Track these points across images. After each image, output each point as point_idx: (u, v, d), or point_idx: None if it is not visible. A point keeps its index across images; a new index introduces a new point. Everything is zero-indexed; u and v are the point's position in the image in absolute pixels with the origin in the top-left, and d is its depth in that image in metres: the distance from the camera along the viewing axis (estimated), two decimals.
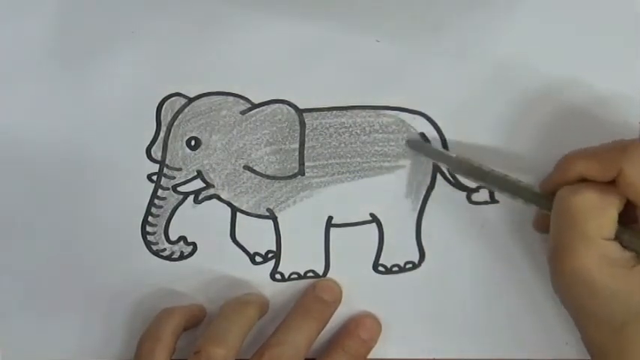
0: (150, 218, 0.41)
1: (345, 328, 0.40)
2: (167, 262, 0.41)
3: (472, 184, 0.40)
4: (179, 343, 0.38)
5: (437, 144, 0.40)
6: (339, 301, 0.40)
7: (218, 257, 0.41)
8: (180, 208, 0.41)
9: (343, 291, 0.41)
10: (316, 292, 0.40)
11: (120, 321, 0.41)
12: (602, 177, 0.33)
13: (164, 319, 0.39)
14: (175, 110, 0.40)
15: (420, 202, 0.40)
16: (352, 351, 0.39)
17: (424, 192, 0.40)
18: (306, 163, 0.40)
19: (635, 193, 0.32)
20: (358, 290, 0.41)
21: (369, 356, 0.40)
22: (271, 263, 0.41)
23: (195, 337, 0.38)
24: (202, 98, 0.40)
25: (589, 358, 0.36)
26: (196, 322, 0.40)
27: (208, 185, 0.41)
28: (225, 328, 0.37)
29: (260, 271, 0.41)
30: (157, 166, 0.41)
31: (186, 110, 0.40)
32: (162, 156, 0.41)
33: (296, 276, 0.41)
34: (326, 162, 0.40)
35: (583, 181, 0.34)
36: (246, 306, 0.39)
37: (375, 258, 0.41)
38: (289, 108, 0.40)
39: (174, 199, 0.41)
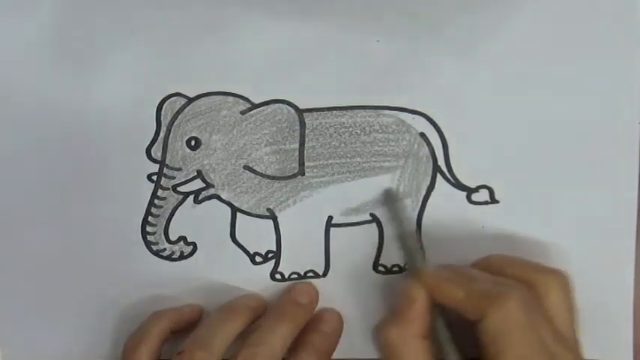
0: (150, 218, 0.41)
1: (308, 325, 0.40)
2: (167, 262, 0.41)
3: (472, 184, 0.40)
4: (169, 346, 0.39)
5: (437, 145, 0.40)
6: (316, 303, 0.41)
7: (218, 257, 0.41)
8: (180, 208, 0.41)
9: (343, 291, 0.41)
10: (292, 295, 0.40)
11: (120, 321, 0.41)
12: (466, 316, 0.33)
13: (151, 322, 0.39)
14: (175, 110, 0.40)
15: (420, 202, 0.40)
16: (318, 346, 0.39)
17: (424, 192, 0.40)
18: (306, 163, 0.40)
19: (490, 345, 0.32)
20: (358, 290, 0.41)
21: (371, 355, 0.41)
22: (271, 263, 0.41)
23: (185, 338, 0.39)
24: (202, 98, 0.40)
25: (590, 358, 0.36)
26: (187, 324, 0.40)
27: (208, 185, 0.41)
28: (211, 332, 0.37)
29: (260, 271, 0.41)
30: (157, 166, 0.41)
31: (186, 110, 0.40)
32: (162, 156, 0.41)
33: (296, 276, 0.41)
34: (326, 162, 0.40)
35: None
36: (235, 312, 0.39)
37: (375, 258, 0.41)
38: (289, 108, 0.40)
39: (174, 199, 0.41)
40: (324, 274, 0.41)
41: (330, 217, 0.41)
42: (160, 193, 0.41)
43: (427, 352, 0.34)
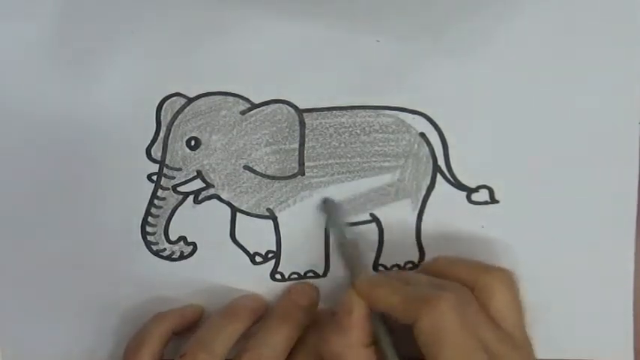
0: (150, 218, 0.41)
1: (307, 326, 0.40)
2: (167, 262, 0.41)
3: (472, 184, 0.40)
4: (170, 347, 0.39)
5: (437, 145, 0.40)
6: (316, 304, 0.40)
7: (218, 257, 0.41)
8: (180, 208, 0.41)
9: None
10: (292, 296, 0.40)
11: (120, 321, 0.41)
12: (403, 320, 0.33)
13: (153, 323, 0.39)
14: (175, 110, 0.40)
15: (420, 202, 0.40)
16: (317, 347, 0.38)
17: (424, 192, 0.40)
18: (306, 163, 0.40)
19: (426, 348, 0.32)
20: None
21: None
22: (271, 263, 0.41)
23: (186, 340, 0.39)
24: (202, 98, 0.40)
25: (590, 358, 0.36)
26: (190, 325, 0.40)
27: (208, 185, 0.41)
28: (213, 334, 0.38)
29: (260, 271, 0.41)
30: (157, 166, 0.41)
31: (186, 110, 0.40)
32: (162, 156, 0.41)
33: (296, 276, 0.41)
34: (326, 162, 0.40)
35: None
36: (236, 313, 0.39)
37: (375, 258, 0.41)
38: (289, 108, 0.40)
39: (174, 199, 0.41)
40: (324, 274, 0.41)
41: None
42: (159, 193, 0.41)
43: (371, 359, 0.34)
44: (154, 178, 0.41)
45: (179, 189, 0.41)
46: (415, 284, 0.35)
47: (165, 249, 0.41)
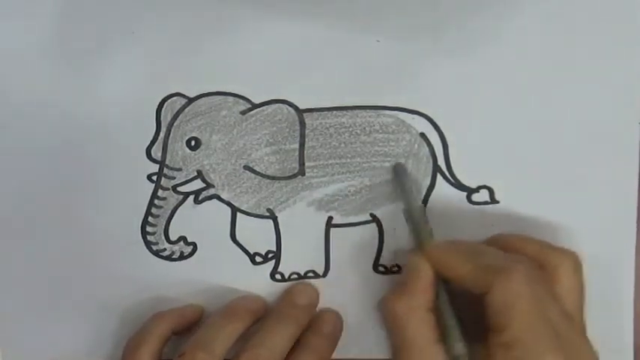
0: (150, 218, 0.41)
1: (307, 326, 0.40)
2: (167, 262, 0.41)
3: (472, 184, 0.40)
4: (170, 346, 0.39)
5: (437, 145, 0.40)
6: (316, 304, 0.41)
7: (218, 257, 0.41)
8: (180, 208, 0.41)
9: (343, 291, 0.41)
10: (292, 296, 0.40)
11: (120, 321, 0.41)
12: (472, 289, 0.34)
13: (152, 323, 0.39)
14: (175, 110, 0.40)
15: (420, 202, 0.40)
16: (317, 347, 0.39)
17: (424, 192, 0.40)
18: (306, 163, 0.40)
19: (495, 317, 0.33)
20: (358, 290, 0.41)
21: (371, 355, 0.41)
22: (271, 263, 0.41)
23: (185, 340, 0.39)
24: (202, 98, 0.40)
25: None
26: (189, 325, 0.40)
27: (208, 185, 0.41)
28: (212, 334, 0.38)
29: (260, 271, 0.41)
30: (157, 166, 0.41)
31: (186, 110, 0.40)
32: (162, 156, 0.41)
33: (296, 276, 0.41)
34: (326, 162, 0.40)
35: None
36: (236, 313, 0.39)
37: (375, 258, 0.41)
38: (289, 108, 0.40)
39: (174, 199, 0.41)
40: (324, 274, 0.41)
41: (330, 217, 0.41)
42: (160, 193, 0.41)
43: (431, 324, 0.35)
44: (154, 178, 0.41)
45: (179, 189, 0.41)
46: (486, 255, 0.35)
47: (165, 249, 0.41)
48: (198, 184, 0.41)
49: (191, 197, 0.41)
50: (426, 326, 0.34)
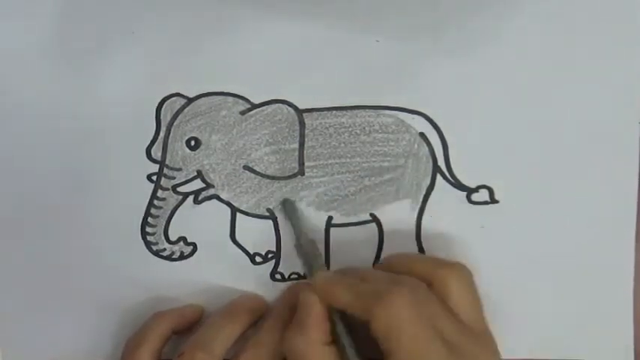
0: (150, 218, 0.41)
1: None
2: (167, 262, 0.41)
3: (472, 184, 0.40)
4: (170, 346, 0.39)
5: (437, 145, 0.40)
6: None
7: (218, 257, 0.41)
8: (180, 208, 0.41)
9: None
10: (290, 296, 0.40)
11: (120, 321, 0.41)
12: (359, 317, 0.33)
13: (152, 322, 0.39)
14: (175, 110, 0.40)
15: (420, 202, 0.40)
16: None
17: (424, 192, 0.40)
18: (306, 163, 0.40)
19: (383, 343, 0.32)
20: None
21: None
22: (271, 263, 0.41)
23: (185, 340, 0.39)
24: (202, 98, 0.40)
25: (590, 358, 0.36)
26: (189, 325, 0.40)
27: (208, 185, 0.41)
28: (212, 334, 0.38)
29: (260, 271, 0.41)
30: (157, 166, 0.41)
31: (186, 110, 0.40)
32: (162, 156, 0.41)
33: (296, 276, 0.41)
34: (326, 162, 0.40)
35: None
36: (236, 314, 0.39)
37: (375, 258, 0.41)
38: (289, 108, 0.40)
39: (174, 199, 0.41)
40: None
41: (330, 217, 0.41)
42: (159, 193, 0.41)
43: (331, 357, 0.34)
44: (154, 178, 0.41)
45: (179, 189, 0.41)
46: (371, 280, 0.35)
47: (165, 249, 0.41)
48: (198, 184, 0.41)
49: (191, 197, 0.41)
50: None
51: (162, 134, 0.40)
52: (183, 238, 0.41)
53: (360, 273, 0.37)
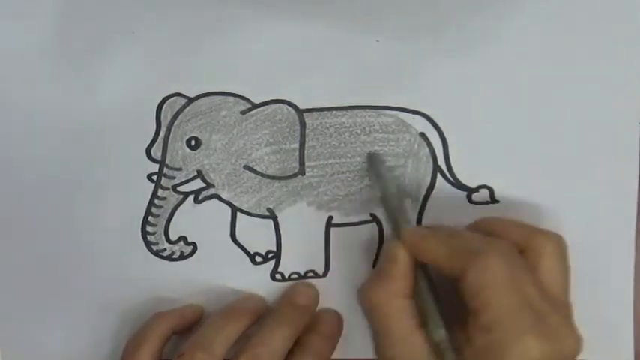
0: (150, 218, 0.41)
1: (307, 326, 0.40)
2: (167, 262, 0.41)
3: (472, 184, 0.40)
4: (170, 346, 0.39)
5: (437, 145, 0.40)
6: (316, 304, 0.41)
7: (218, 257, 0.41)
8: (180, 208, 0.41)
9: (343, 291, 0.41)
10: (291, 296, 0.40)
11: (120, 321, 0.41)
12: (448, 274, 0.33)
13: (152, 323, 0.39)
14: (175, 110, 0.40)
15: (420, 202, 0.40)
16: (317, 347, 0.39)
17: (424, 192, 0.40)
18: (306, 163, 0.40)
19: (472, 300, 0.32)
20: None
21: (371, 356, 0.40)
22: (271, 263, 0.41)
23: (185, 340, 0.39)
24: (202, 98, 0.40)
25: (590, 358, 0.36)
26: (189, 325, 0.40)
27: (208, 185, 0.41)
28: (212, 334, 0.38)
29: (260, 271, 0.41)
30: (157, 166, 0.41)
31: (186, 110, 0.40)
32: (162, 156, 0.41)
33: (296, 276, 0.41)
34: (326, 162, 0.40)
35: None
36: (236, 314, 0.39)
37: (375, 258, 0.41)
38: (289, 108, 0.40)
39: (175, 199, 0.41)
40: (324, 274, 0.41)
41: (330, 217, 0.41)
42: (159, 193, 0.41)
43: (410, 311, 0.34)
44: (154, 178, 0.41)
45: (179, 189, 0.41)
46: (463, 238, 0.35)
47: (165, 249, 0.41)
48: (198, 184, 0.41)
49: (191, 197, 0.41)
50: (404, 314, 0.34)
51: (162, 134, 0.40)
52: (183, 238, 0.41)
53: (450, 230, 0.36)
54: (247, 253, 0.41)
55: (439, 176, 0.40)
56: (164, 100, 0.40)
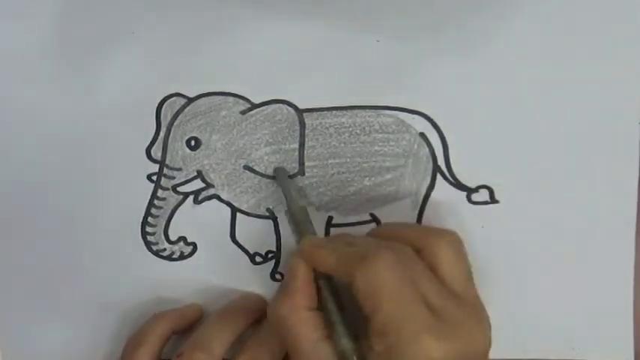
0: (150, 218, 0.41)
1: None
2: (167, 262, 0.41)
3: (472, 184, 0.40)
4: (169, 346, 0.39)
5: (437, 145, 0.40)
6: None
7: (218, 257, 0.41)
8: (180, 208, 0.41)
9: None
10: None
11: (120, 321, 0.41)
12: (343, 280, 0.33)
13: (152, 323, 0.39)
14: (175, 110, 0.40)
15: (420, 202, 0.40)
16: None
17: (424, 192, 0.40)
18: (306, 163, 0.40)
19: (364, 306, 0.32)
20: None
21: None
22: (271, 263, 0.41)
23: (184, 340, 0.39)
24: (202, 98, 0.40)
25: (590, 358, 0.36)
26: (189, 325, 0.40)
27: (208, 185, 0.41)
28: (211, 334, 0.38)
29: (260, 271, 0.41)
30: (157, 166, 0.41)
31: (186, 110, 0.40)
32: (162, 156, 0.41)
33: None
34: (326, 162, 0.40)
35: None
36: (235, 314, 0.39)
37: None
38: (289, 108, 0.40)
39: (174, 199, 0.41)
40: None
41: (330, 217, 0.41)
42: (159, 193, 0.41)
43: (315, 322, 0.34)
44: (154, 178, 0.41)
45: (179, 189, 0.41)
46: (358, 245, 0.35)
47: (165, 249, 0.41)
48: (198, 184, 0.41)
49: (191, 197, 0.41)
50: (308, 325, 0.34)
51: (162, 134, 0.40)
52: (183, 238, 0.41)
53: (347, 239, 0.36)
54: (247, 253, 0.41)
55: (439, 176, 0.40)
56: (164, 100, 0.40)
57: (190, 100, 0.40)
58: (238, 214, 0.41)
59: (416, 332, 0.31)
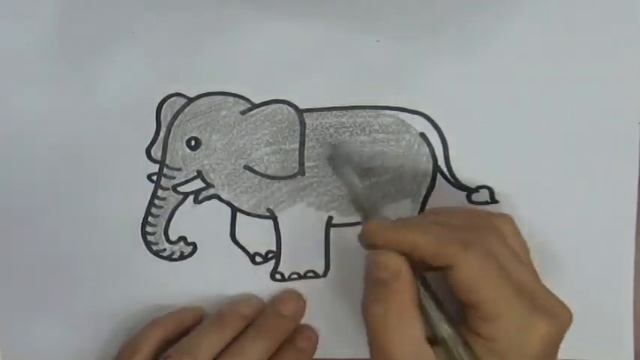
0: (150, 218, 0.41)
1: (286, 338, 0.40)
2: (167, 262, 0.41)
3: (472, 184, 0.40)
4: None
5: (437, 145, 0.40)
6: (302, 314, 0.41)
7: (218, 257, 0.41)
8: (180, 208, 0.41)
9: (343, 291, 0.41)
10: (277, 306, 0.40)
11: (120, 321, 0.41)
12: (432, 262, 0.32)
13: (147, 330, 0.39)
14: (175, 110, 0.40)
15: (420, 202, 0.40)
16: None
17: (424, 192, 0.40)
18: (306, 163, 0.40)
19: (465, 292, 0.32)
20: (358, 290, 0.41)
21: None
22: (271, 263, 0.41)
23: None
24: (202, 98, 0.40)
25: (590, 358, 0.36)
26: (188, 328, 0.40)
27: (208, 185, 0.41)
28: (199, 339, 0.38)
29: (260, 271, 0.41)
30: (157, 166, 0.41)
31: (186, 110, 0.40)
32: (162, 156, 0.41)
33: (296, 276, 0.41)
34: (326, 162, 0.40)
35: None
36: (225, 321, 0.39)
37: None
38: (289, 108, 0.40)
39: (174, 199, 0.41)
40: (324, 274, 0.41)
41: (330, 217, 0.41)
42: (159, 193, 0.41)
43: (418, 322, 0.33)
44: (154, 178, 0.41)
45: (179, 189, 0.41)
46: (450, 226, 0.34)
47: (165, 249, 0.41)
48: (198, 184, 0.41)
49: (191, 197, 0.41)
50: (417, 322, 0.32)
51: (162, 134, 0.40)
52: (183, 238, 0.41)
53: (432, 218, 0.35)
54: (247, 253, 0.41)
55: (439, 176, 0.40)
56: (164, 100, 0.40)
57: (190, 100, 0.40)
58: (238, 214, 0.41)
59: (523, 315, 0.31)
